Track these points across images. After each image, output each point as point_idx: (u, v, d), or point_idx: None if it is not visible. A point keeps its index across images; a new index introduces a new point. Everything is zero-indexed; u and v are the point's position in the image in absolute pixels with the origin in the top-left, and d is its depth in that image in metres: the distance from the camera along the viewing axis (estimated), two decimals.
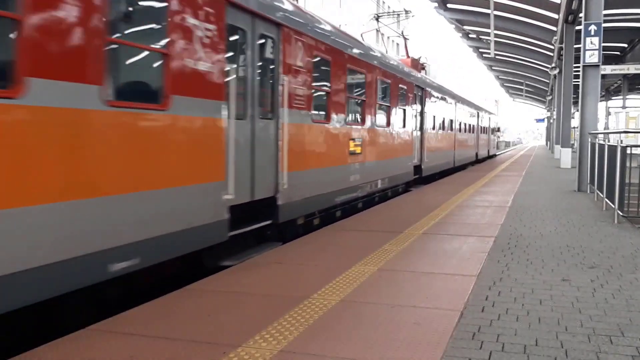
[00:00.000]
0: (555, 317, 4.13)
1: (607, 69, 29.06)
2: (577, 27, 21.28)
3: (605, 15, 15.03)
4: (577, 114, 19.75)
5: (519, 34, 33.83)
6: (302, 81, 7.88)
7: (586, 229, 8.10)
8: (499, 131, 50.53)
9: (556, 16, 26.14)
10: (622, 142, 8.50)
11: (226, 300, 4.53)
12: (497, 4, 26.38)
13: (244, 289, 4.85)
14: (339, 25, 14.02)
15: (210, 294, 4.70)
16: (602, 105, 39.81)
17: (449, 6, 32.03)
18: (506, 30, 32.33)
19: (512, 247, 6.70)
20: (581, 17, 14.50)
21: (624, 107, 37.69)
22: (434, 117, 17.54)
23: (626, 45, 31.39)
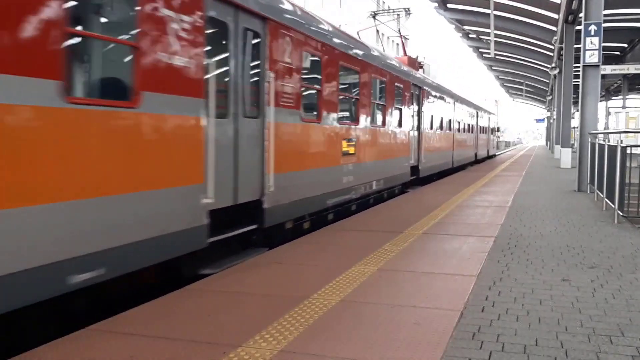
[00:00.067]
0: (555, 317, 4.14)
1: (607, 69, 29.09)
2: (577, 27, 21.29)
3: (605, 15, 15.04)
4: (577, 114, 19.75)
5: (519, 34, 33.85)
6: (290, 78, 7.50)
7: (586, 229, 8.10)
8: (498, 131, 50.57)
9: (556, 16, 26.16)
10: (622, 142, 8.51)
11: (226, 300, 4.53)
12: (497, 4, 26.39)
13: (244, 289, 4.85)
14: (338, 25, 14.00)
15: (210, 294, 4.70)
16: (602, 105, 39.85)
17: (449, 6, 32.04)
18: (506, 30, 32.34)
19: (512, 247, 6.70)
20: (581, 17, 14.50)
21: (624, 107, 37.72)
22: (431, 116, 17.27)
23: (626, 45, 31.41)
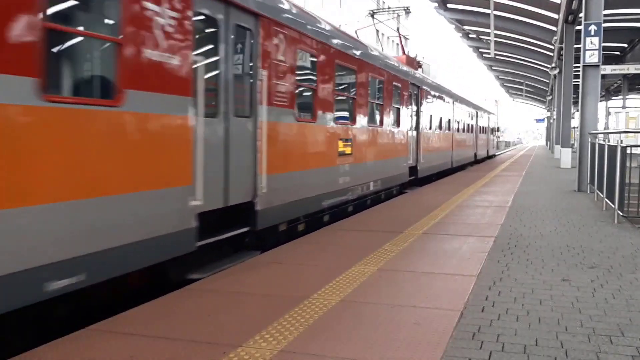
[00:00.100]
0: (555, 317, 4.14)
1: (607, 69, 29.09)
2: (577, 27, 21.28)
3: (605, 15, 15.04)
4: (577, 114, 19.76)
5: (519, 34, 33.84)
6: (284, 77, 7.29)
7: (586, 229, 8.10)
8: (498, 131, 50.57)
9: (556, 16, 26.15)
10: (622, 142, 8.51)
11: (226, 300, 4.53)
12: (497, 4, 26.38)
13: (244, 289, 4.85)
14: (338, 25, 13.97)
15: (210, 294, 4.70)
16: (602, 105, 39.85)
17: (449, 6, 32.03)
18: (506, 30, 32.34)
19: (512, 247, 6.70)
20: (581, 17, 14.50)
21: (624, 107, 37.72)
22: (430, 116, 17.16)
23: (626, 45, 31.41)
